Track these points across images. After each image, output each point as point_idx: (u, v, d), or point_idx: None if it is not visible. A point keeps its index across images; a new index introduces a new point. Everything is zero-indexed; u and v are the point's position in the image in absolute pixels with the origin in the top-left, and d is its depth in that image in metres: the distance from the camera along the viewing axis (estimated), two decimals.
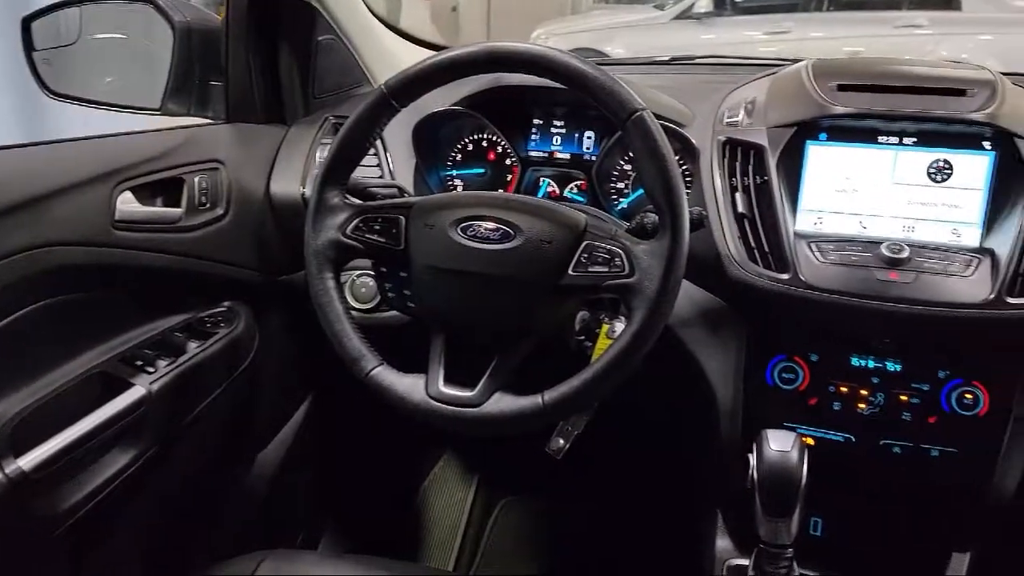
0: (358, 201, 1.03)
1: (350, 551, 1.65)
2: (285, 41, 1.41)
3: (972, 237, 1.06)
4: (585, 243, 0.94)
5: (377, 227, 1.00)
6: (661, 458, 1.63)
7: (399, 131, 1.30)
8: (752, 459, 0.96)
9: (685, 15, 5.67)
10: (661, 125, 0.92)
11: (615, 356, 0.91)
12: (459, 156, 1.38)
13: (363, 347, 0.98)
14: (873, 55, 1.33)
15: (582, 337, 1.05)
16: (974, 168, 1.06)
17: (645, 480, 1.72)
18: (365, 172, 1.29)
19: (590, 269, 0.93)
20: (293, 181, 1.33)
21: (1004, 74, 1.16)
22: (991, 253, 1.03)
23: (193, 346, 1.21)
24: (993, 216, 1.05)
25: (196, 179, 1.22)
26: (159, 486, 1.19)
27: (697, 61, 1.67)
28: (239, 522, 1.43)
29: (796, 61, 1.26)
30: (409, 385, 0.96)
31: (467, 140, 1.37)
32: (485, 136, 1.36)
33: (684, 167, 1.21)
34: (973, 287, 0.99)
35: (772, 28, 5.41)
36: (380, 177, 1.29)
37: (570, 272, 0.93)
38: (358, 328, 0.99)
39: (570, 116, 1.33)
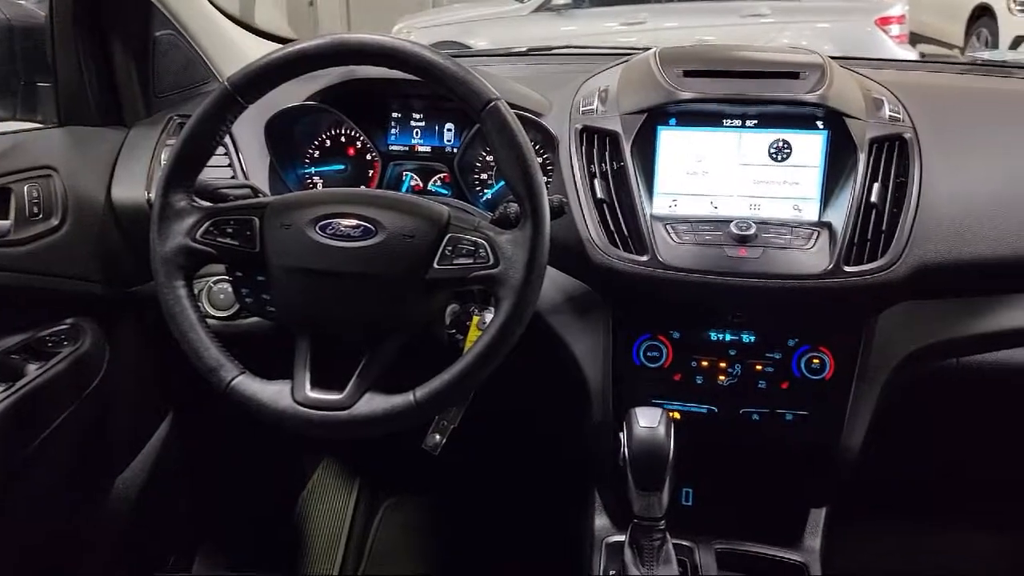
0: (207, 203, 0.98)
1: (228, 570, 1.59)
2: (118, 37, 1.32)
3: (811, 211, 1.12)
4: (449, 236, 0.94)
5: (230, 230, 0.95)
6: (539, 444, 1.66)
7: (250, 129, 1.25)
8: (623, 437, 0.98)
9: (545, 7, 5.76)
10: (518, 115, 0.93)
11: (484, 347, 0.91)
12: (316, 153, 1.34)
13: (222, 356, 0.94)
14: (722, 43, 1.38)
15: (453, 330, 1.05)
16: (810, 146, 1.12)
17: (525, 467, 1.74)
18: (216, 173, 1.23)
19: (455, 262, 0.93)
20: (136, 186, 1.25)
21: (833, 58, 1.24)
22: (828, 226, 1.09)
23: (33, 368, 1.12)
24: (829, 191, 1.11)
25: (25, 188, 1.13)
26: (7, 520, 1.10)
27: (554, 52, 1.70)
28: (103, 550, 1.34)
29: (646, 50, 1.30)
30: (274, 392, 0.93)
31: (324, 136, 1.34)
32: (343, 131, 1.33)
33: (544, 156, 1.23)
34: (813, 258, 1.05)
35: (628, 19, 5.59)
36: (232, 177, 1.24)
37: (435, 266, 0.93)
38: (216, 337, 0.95)
39: (429, 108, 1.32)
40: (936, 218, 1.09)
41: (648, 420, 0.97)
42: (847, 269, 1.04)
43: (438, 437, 1.08)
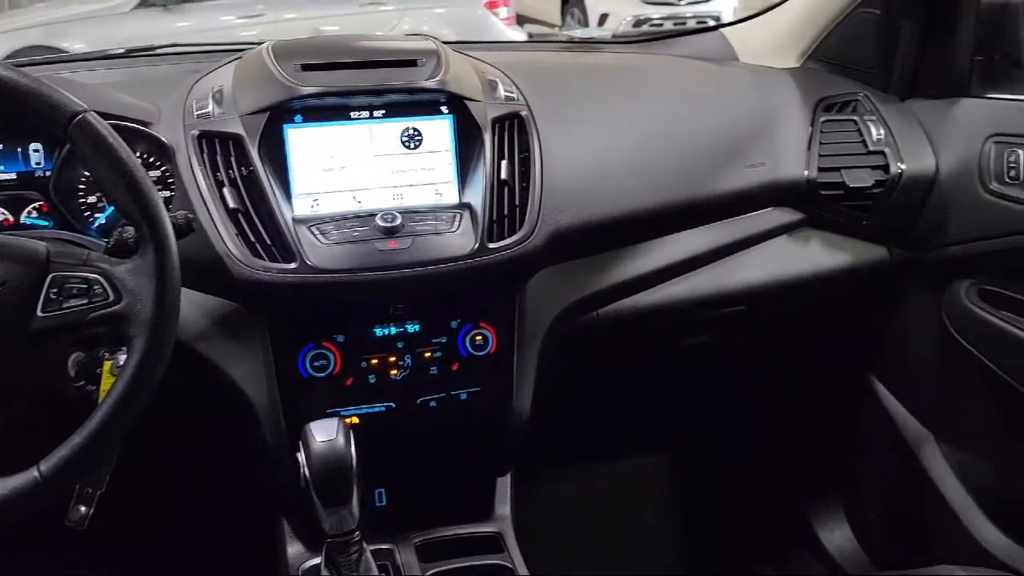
0: None
1: None
2: None
3: (451, 195, 1.14)
4: (52, 276, 0.81)
5: None
6: (216, 484, 1.52)
7: None
8: (301, 457, 0.93)
9: (149, 2, 5.29)
10: (118, 126, 0.82)
11: (120, 396, 0.81)
12: None
13: None
14: (339, 33, 1.36)
15: (81, 382, 0.92)
16: (439, 132, 1.14)
17: (199, 513, 1.58)
18: None
19: (65, 305, 0.81)
20: None
21: (447, 43, 1.27)
22: (469, 207, 1.12)
23: None
24: (464, 173, 1.14)
25: None
26: None
27: (158, 51, 1.54)
28: None
29: (258, 44, 1.23)
30: None
31: None
32: None
33: (163, 168, 1.11)
34: (460, 240, 1.08)
35: (246, 12, 5.36)
36: None
37: (39, 314, 0.81)
38: None
39: (3, 127, 1.11)
40: (561, 186, 1.17)
41: (324, 433, 0.93)
42: (491, 246, 1.08)
43: (83, 508, 0.93)
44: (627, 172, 1.25)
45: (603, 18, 7.64)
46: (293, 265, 1.03)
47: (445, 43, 1.25)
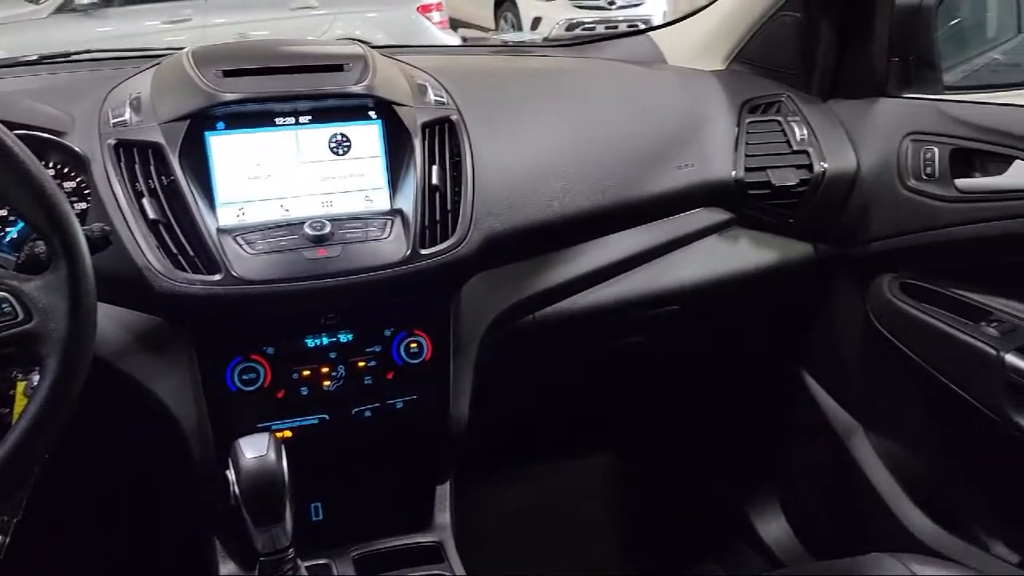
0: None
1: None
2: None
3: (382, 201, 1.13)
4: None
5: None
6: (142, 502, 1.47)
7: None
8: (230, 475, 0.90)
9: (68, 7, 5.10)
10: (28, 135, 0.79)
11: (32, 419, 0.78)
12: None
13: None
14: (263, 39, 1.33)
15: None
16: (368, 137, 1.12)
17: (130, 533, 1.53)
18: None
19: None
20: None
21: (377, 47, 1.26)
22: (400, 212, 1.11)
23: None
24: (395, 178, 1.13)
25: None
26: None
27: (73, 58, 1.48)
28: None
29: (178, 50, 1.19)
30: None
31: None
32: None
33: (79, 180, 1.06)
34: (392, 246, 1.07)
35: (171, 16, 5.22)
36: None
37: None
38: None
39: None
40: (493, 191, 1.16)
41: (254, 449, 0.90)
42: (423, 252, 1.07)
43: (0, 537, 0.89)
44: (560, 175, 1.25)
45: (536, 22, 7.67)
46: (218, 277, 1.00)
47: (375, 47, 1.23)
